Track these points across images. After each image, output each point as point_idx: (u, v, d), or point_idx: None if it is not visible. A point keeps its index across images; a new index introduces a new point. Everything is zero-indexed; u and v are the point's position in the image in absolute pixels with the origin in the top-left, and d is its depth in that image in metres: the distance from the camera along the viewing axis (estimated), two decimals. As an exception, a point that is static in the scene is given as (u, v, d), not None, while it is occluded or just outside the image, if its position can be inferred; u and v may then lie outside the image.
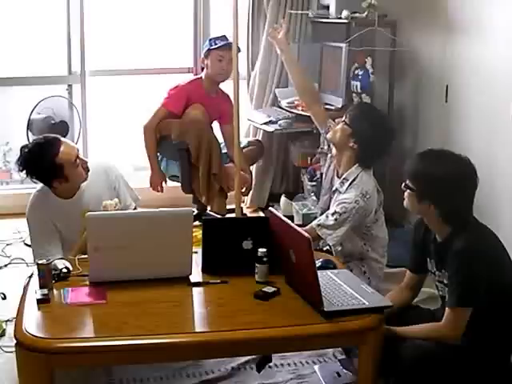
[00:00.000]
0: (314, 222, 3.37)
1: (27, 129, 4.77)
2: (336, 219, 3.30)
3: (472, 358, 2.55)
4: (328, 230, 3.31)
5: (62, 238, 3.24)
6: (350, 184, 3.38)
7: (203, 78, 4.56)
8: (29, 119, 4.77)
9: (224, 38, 4.49)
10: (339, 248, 3.47)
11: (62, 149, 3.18)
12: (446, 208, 2.61)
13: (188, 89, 4.50)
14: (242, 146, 4.80)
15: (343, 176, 3.43)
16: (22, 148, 3.25)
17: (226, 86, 4.72)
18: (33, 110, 4.81)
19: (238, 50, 4.53)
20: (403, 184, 2.71)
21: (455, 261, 2.55)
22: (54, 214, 3.22)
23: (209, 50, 4.49)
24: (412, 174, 2.68)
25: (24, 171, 3.21)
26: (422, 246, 2.80)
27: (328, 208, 3.45)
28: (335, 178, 3.52)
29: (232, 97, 4.06)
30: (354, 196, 3.32)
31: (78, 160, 3.21)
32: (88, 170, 3.26)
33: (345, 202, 3.32)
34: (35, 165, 3.18)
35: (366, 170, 3.41)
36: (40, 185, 3.29)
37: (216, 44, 4.47)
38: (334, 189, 3.49)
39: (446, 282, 2.65)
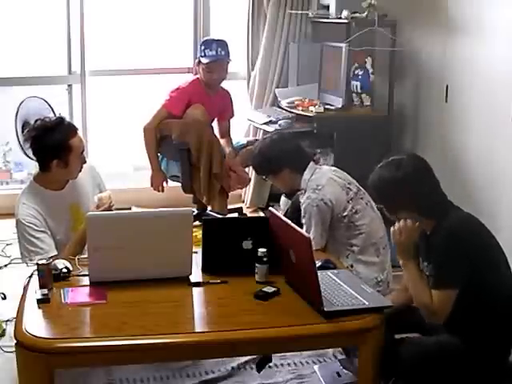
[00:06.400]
0: None
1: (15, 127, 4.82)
2: (305, 223, 3.28)
3: (472, 357, 2.55)
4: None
5: (52, 235, 3.22)
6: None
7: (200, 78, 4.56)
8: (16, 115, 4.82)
9: (216, 44, 4.44)
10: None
11: (77, 136, 3.22)
12: (414, 206, 2.62)
13: (189, 91, 4.48)
14: (241, 145, 4.82)
15: None
16: (40, 119, 3.24)
17: (227, 86, 4.72)
18: (17, 108, 4.85)
19: (228, 61, 4.51)
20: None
21: (437, 246, 2.57)
22: (44, 210, 3.20)
23: (199, 58, 4.48)
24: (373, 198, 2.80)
25: (35, 139, 3.16)
26: (417, 246, 2.79)
27: None
28: None
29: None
30: (306, 196, 3.31)
31: (82, 154, 3.26)
32: (80, 170, 3.29)
33: (302, 206, 3.31)
34: (50, 135, 3.14)
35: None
36: (26, 184, 3.30)
37: (205, 54, 4.43)
38: None
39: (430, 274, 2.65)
